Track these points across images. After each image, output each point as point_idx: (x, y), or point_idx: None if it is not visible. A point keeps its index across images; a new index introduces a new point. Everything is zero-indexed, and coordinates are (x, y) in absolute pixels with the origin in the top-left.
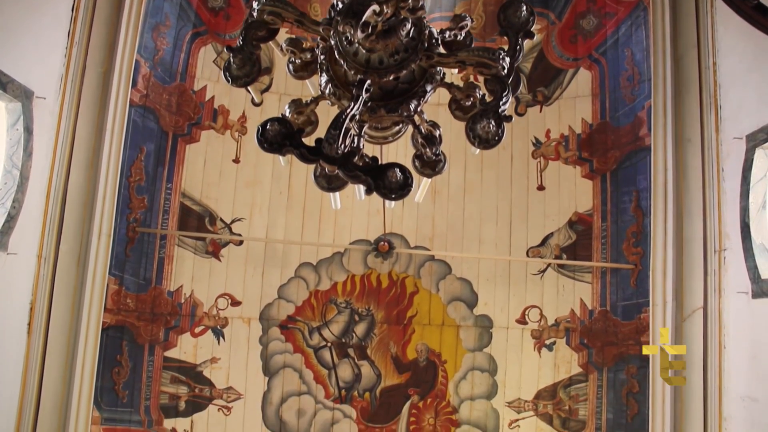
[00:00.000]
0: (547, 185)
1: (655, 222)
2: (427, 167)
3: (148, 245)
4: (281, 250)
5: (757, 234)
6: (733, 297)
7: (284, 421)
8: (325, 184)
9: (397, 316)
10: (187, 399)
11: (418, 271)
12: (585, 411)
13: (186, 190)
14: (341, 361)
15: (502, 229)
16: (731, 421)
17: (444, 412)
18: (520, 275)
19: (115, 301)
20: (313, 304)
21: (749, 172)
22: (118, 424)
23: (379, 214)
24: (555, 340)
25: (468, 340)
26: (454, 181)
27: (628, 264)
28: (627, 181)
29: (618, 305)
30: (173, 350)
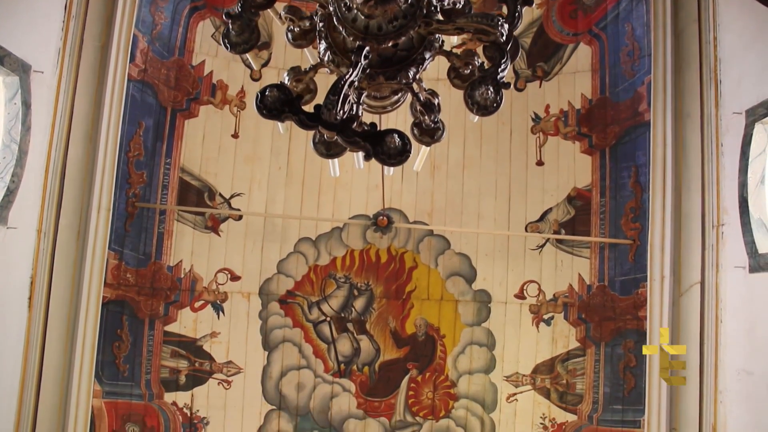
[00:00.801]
0: (546, 161)
1: (653, 197)
2: (425, 135)
3: (147, 220)
4: (280, 225)
5: (755, 209)
6: (731, 272)
7: (284, 395)
8: (324, 150)
9: (396, 291)
10: (188, 373)
11: (417, 246)
12: (582, 385)
13: (185, 165)
14: (340, 335)
15: (500, 205)
16: (727, 394)
17: (442, 386)
18: (518, 250)
19: (115, 275)
20: (312, 279)
21: (748, 147)
22: (119, 397)
23: (378, 189)
24: (553, 314)
25: (466, 315)
26: (453, 157)
27: (627, 239)
28: (626, 157)
29: (616, 280)
30: (173, 325)
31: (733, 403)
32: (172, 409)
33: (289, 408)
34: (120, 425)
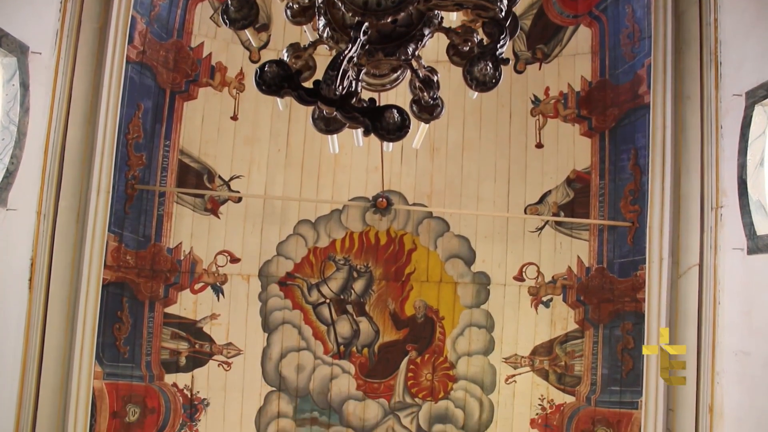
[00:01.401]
0: (546, 143)
1: (652, 179)
2: (424, 112)
3: (146, 202)
4: (280, 207)
5: (754, 191)
6: (729, 253)
7: (284, 377)
8: (323, 126)
9: (396, 273)
10: (188, 355)
11: (416, 229)
12: (580, 367)
13: (184, 147)
14: (340, 317)
15: (500, 187)
16: (723, 375)
17: (441, 368)
18: (517, 233)
19: (115, 257)
20: (311, 261)
21: (748, 129)
22: (119, 378)
23: (377, 171)
24: (552, 296)
25: (465, 297)
26: (452, 139)
27: (626, 222)
28: (625, 139)
29: (615, 262)
30: (173, 306)
31: (730, 384)
32: (173, 390)
33: (289, 389)
34: (121, 406)
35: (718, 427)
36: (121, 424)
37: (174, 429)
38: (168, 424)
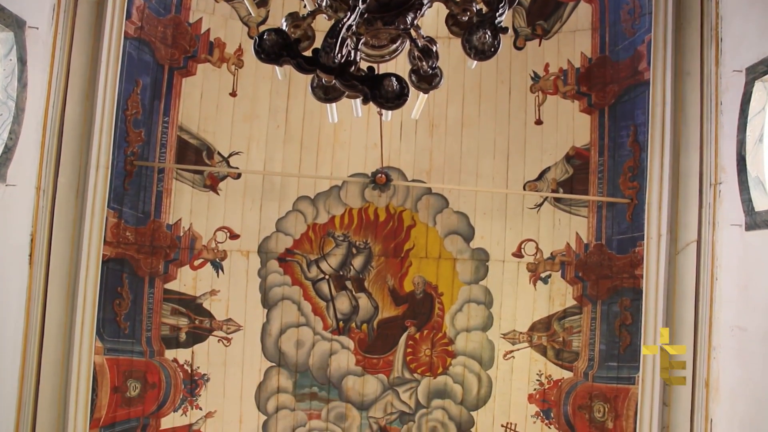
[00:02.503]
0: (545, 119)
1: (651, 156)
2: (423, 82)
3: (146, 179)
4: (279, 184)
5: (752, 167)
6: (727, 230)
7: (283, 352)
8: (322, 95)
9: (395, 249)
10: (188, 330)
11: (415, 205)
12: (578, 343)
13: (183, 123)
14: (339, 293)
15: (499, 164)
16: (720, 350)
17: (440, 344)
18: (516, 209)
19: (115, 234)
20: (311, 237)
21: (747, 105)
22: (120, 354)
23: (376, 148)
24: (550, 273)
25: (464, 273)
26: (451, 115)
27: (624, 198)
28: (625, 116)
29: (613, 239)
30: (173, 282)
31: (726, 359)
32: (173, 365)
33: (289, 365)
34: (122, 381)
35: (714, 401)
36: (122, 399)
37: (174, 404)
38: (169, 399)
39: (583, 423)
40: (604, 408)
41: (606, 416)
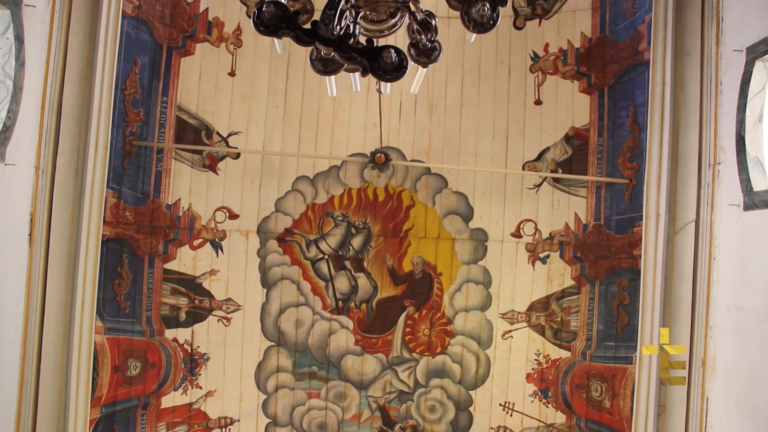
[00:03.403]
0: (545, 100)
1: (651, 136)
2: (422, 55)
3: (145, 159)
4: (278, 164)
5: (751, 147)
6: (725, 210)
7: (283, 332)
8: (321, 67)
9: (394, 229)
10: (188, 310)
11: (414, 185)
12: (576, 323)
13: (182, 103)
14: (338, 273)
15: (498, 144)
16: (717, 330)
17: (439, 323)
18: (515, 189)
19: (114, 213)
20: (310, 217)
21: (747, 85)
22: (121, 333)
23: (375, 128)
24: (549, 253)
25: (463, 253)
26: (451, 95)
27: (623, 179)
28: (624, 96)
29: (612, 219)
30: (173, 262)
31: (722, 337)
32: (173, 345)
33: (288, 344)
34: (122, 360)
35: (710, 380)
36: (122, 378)
37: (175, 383)
38: (169, 378)
39: (581, 402)
40: (602, 387)
41: (603, 395)
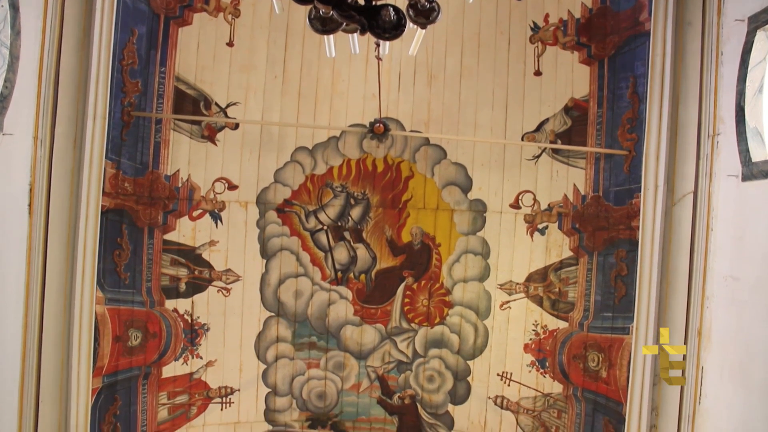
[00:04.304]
0: (544, 71)
1: (650, 107)
2: (420, 16)
3: (143, 129)
4: (277, 135)
5: (751, 118)
6: (724, 180)
7: (282, 302)
8: (320, 26)
9: (393, 200)
10: (188, 281)
11: (413, 156)
12: (574, 293)
13: (180, 74)
14: (337, 244)
15: (497, 115)
16: (713, 300)
17: (437, 294)
18: (514, 160)
19: (113, 184)
20: (309, 188)
21: (748, 55)
22: (121, 304)
23: (374, 98)
24: (547, 224)
25: (462, 224)
26: (450, 66)
27: (622, 150)
28: (625, 67)
29: (610, 191)
30: (172, 233)
31: (718, 307)
32: (173, 315)
33: (288, 315)
34: (123, 331)
35: (706, 349)
36: (123, 348)
37: (175, 353)
38: (169, 348)
39: (578, 372)
40: (599, 357)
41: (600, 365)
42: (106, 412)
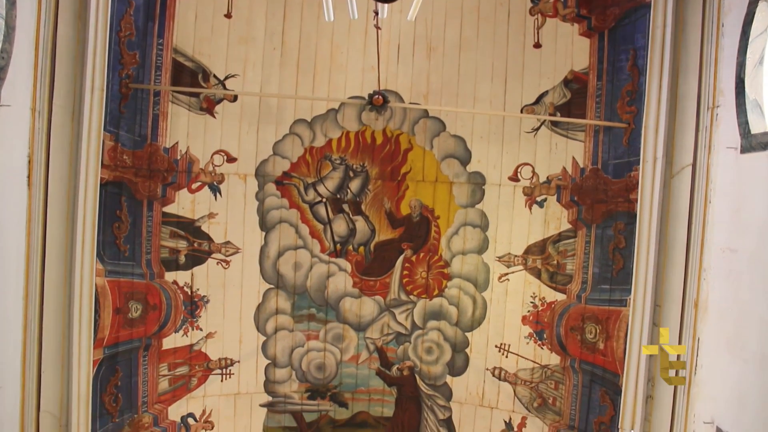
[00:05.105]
0: (544, 43)
1: (650, 80)
2: None
3: (141, 102)
4: (275, 107)
5: (751, 90)
6: (722, 152)
7: (281, 274)
8: None
9: (391, 173)
10: (187, 253)
11: (412, 128)
12: (572, 266)
13: (178, 45)
14: (336, 216)
15: (497, 87)
16: (710, 272)
17: (436, 266)
18: (513, 133)
19: (112, 157)
20: (308, 160)
21: (749, 26)
22: (121, 276)
23: (373, 70)
24: (546, 197)
25: (461, 197)
26: (449, 38)
27: (622, 123)
28: (625, 40)
29: (609, 163)
30: (171, 206)
31: (715, 279)
32: (173, 287)
33: (287, 287)
34: (123, 303)
35: (702, 321)
36: (124, 320)
37: (175, 325)
38: (170, 321)
39: (575, 344)
40: (596, 329)
41: (597, 337)
42: (107, 383)
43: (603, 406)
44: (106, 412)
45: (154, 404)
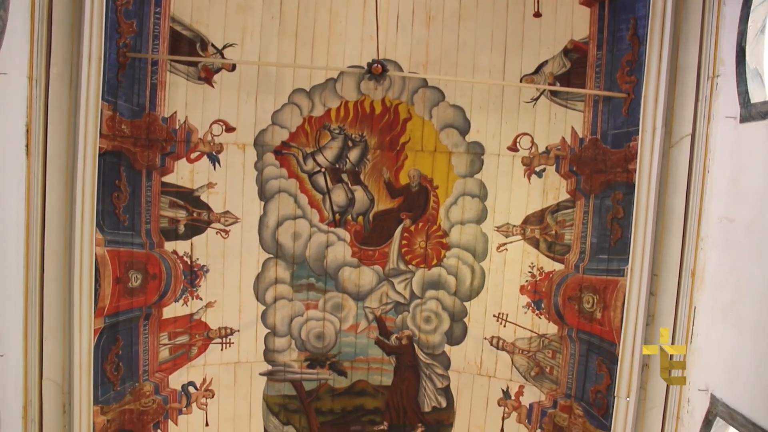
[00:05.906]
0: (544, 12)
1: (650, 49)
2: None
3: (139, 71)
4: (274, 76)
5: (751, 59)
6: (722, 122)
7: (280, 244)
8: None
9: (390, 142)
10: (186, 223)
11: (411, 98)
12: (570, 236)
13: (175, 14)
14: (335, 186)
15: (496, 57)
16: (707, 241)
17: (435, 236)
18: (512, 103)
19: (110, 126)
20: (306, 130)
21: None
22: (121, 246)
23: (372, 40)
24: (545, 167)
25: (459, 167)
26: (449, 7)
27: (621, 92)
28: (625, 9)
29: (608, 134)
30: (170, 176)
31: (712, 248)
32: (173, 257)
33: (286, 256)
34: (123, 272)
35: (699, 290)
36: (124, 290)
37: (175, 294)
38: (169, 290)
39: (573, 313)
40: (593, 299)
41: (595, 307)
42: (108, 351)
43: (599, 374)
44: (108, 381)
45: (155, 373)
